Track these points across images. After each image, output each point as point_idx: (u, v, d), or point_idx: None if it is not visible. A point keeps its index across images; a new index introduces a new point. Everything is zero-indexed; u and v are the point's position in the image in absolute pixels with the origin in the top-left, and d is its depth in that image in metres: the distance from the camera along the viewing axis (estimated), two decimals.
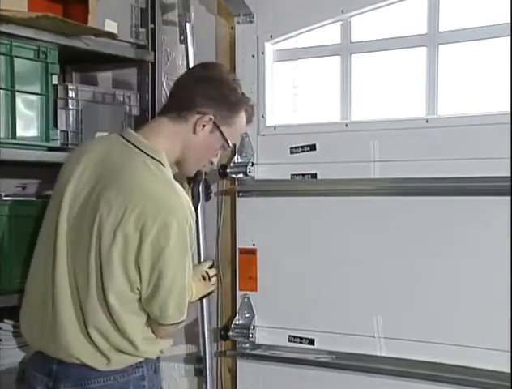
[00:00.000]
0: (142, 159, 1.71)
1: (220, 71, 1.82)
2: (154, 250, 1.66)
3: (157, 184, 1.68)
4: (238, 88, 1.81)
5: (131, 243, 1.65)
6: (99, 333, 1.70)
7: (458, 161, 2.02)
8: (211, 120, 1.75)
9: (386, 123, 2.16)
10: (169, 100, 1.82)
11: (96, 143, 1.85)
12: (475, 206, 2.01)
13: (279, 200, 2.32)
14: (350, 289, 2.20)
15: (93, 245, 1.68)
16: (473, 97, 2.09)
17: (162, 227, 1.64)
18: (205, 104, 1.74)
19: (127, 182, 1.68)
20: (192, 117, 1.74)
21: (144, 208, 1.64)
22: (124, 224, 1.65)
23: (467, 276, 2.03)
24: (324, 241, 2.25)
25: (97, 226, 1.68)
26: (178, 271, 1.70)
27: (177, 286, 1.71)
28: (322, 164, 2.24)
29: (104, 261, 1.68)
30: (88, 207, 1.71)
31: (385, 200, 2.16)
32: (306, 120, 2.39)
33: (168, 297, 1.71)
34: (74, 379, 1.72)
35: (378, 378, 2.15)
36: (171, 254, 1.67)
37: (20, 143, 2.02)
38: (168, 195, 1.67)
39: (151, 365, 1.80)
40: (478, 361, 1.99)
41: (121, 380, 1.74)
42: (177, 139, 1.76)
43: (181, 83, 1.81)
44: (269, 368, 2.34)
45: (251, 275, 2.33)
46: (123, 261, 1.67)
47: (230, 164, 2.36)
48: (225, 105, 1.76)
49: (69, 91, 2.18)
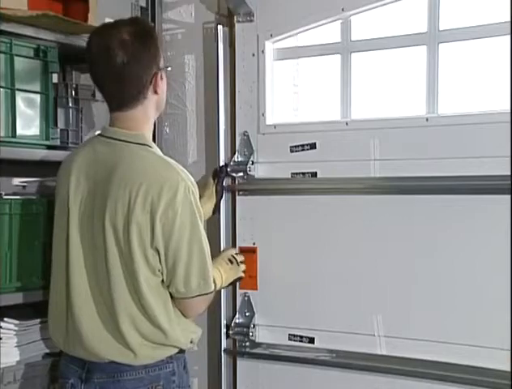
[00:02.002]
0: (129, 149, 1.77)
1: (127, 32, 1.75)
2: (164, 226, 1.71)
3: (152, 165, 1.75)
4: (145, 25, 1.85)
5: (144, 227, 1.71)
6: (131, 327, 1.74)
7: (459, 160, 2.01)
8: (159, 73, 1.79)
9: (387, 122, 2.16)
10: (116, 102, 1.80)
11: (79, 151, 1.88)
12: (475, 204, 2.00)
13: (280, 199, 2.32)
14: (350, 288, 2.20)
15: (110, 242, 1.73)
16: (473, 96, 2.08)
17: (168, 202, 1.71)
18: (148, 72, 1.77)
19: (124, 174, 1.73)
20: (147, 89, 1.78)
21: (147, 190, 1.71)
22: (133, 212, 1.70)
23: (467, 275, 2.03)
24: (324, 239, 2.25)
25: (109, 224, 1.73)
26: (194, 241, 1.75)
27: (195, 257, 1.75)
28: (323, 162, 2.23)
29: (125, 253, 1.72)
30: (95, 212, 1.76)
31: (385, 199, 2.15)
32: (306, 118, 2.38)
33: (190, 269, 1.75)
34: (107, 372, 1.77)
35: (378, 377, 2.15)
36: (182, 225, 1.73)
37: (20, 141, 2.02)
38: (165, 172, 1.74)
39: (181, 361, 1.85)
40: (478, 360, 1.98)
41: (152, 374, 1.78)
42: (149, 112, 1.82)
43: (115, 82, 1.77)
44: (269, 366, 2.34)
45: (251, 274, 2.32)
46: (142, 247, 1.72)
47: (230, 163, 2.36)
48: (156, 57, 1.79)
49: (69, 90, 2.19)
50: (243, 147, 2.36)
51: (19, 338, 2.03)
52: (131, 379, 1.77)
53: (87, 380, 1.79)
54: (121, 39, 1.74)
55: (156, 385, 1.79)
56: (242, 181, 2.37)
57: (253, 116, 2.34)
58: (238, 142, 2.36)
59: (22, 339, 2.03)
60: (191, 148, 2.50)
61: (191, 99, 2.48)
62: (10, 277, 2.00)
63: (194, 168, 2.44)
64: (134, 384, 1.77)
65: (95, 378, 1.78)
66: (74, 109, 2.21)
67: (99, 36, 1.79)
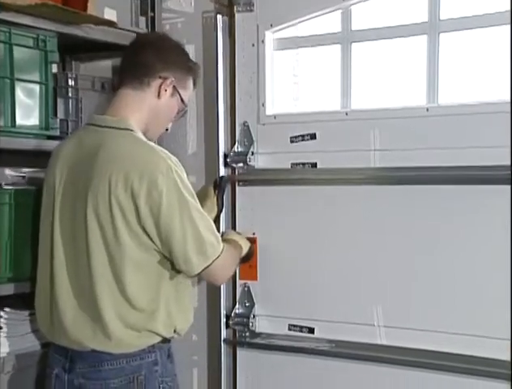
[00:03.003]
0: (111, 135, 1.78)
1: (170, 38, 1.96)
2: (151, 208, 1.71)
3: (132, 148, 1.76)
4: (188, 54, 1.97)
5: (128, 210, 1.71)
6: (112, 312, 1.74)
7: (459, 150, 2.01)
8: (172, 83, 1.85)
9: (387, 112, 2.15)
10: (128, 71, 1.86)
11: (66, 141, 1.92)
12: (475, 195, 2.00)
13: (280, 189, 2.32)
14: (350, 278, 2.20)
15: (92, 227, 1.73)
16: (474, 86, 2.08)
17: (150, 184, 1.71)
18: (165, 69, 1.86)
19: (104, 159, 1.74)
20: (154, 82, 1.84)
21: (127, 173, 1.71)
22: (114, 194, 1.71)
23: (467, 265, 2.03)
24: (324, 230, 2.25)
25: (92, 210, 1.73)
26: (185, 219, 1.74)
27: (189, 235, 1.75)
28: (323, 153, 2.23)
29: (110, 237, 1.72)
30: (77, 200, 1.77)
31: (385, 189, 2.15)
32: (306, 109, 2.38)
33: (186, 249, 1.75)
34: (89, 362, 1.77)
35: (378, 367, 2.15)
36: (169, 205, 1.72)
37: (20, 131, 2.02)
38: (145, 154, 1.75)
39: (164, 350, 1.84)
40: (478, 350, 1.99)
41: (133, 363, 1.78)
42: (144, 107, 1.85)
43: (137, 52, 1.87)
44: (269, 357, 2.34)
45: (251, 264, 2.32)
46: (129, 229, 1.72)
47: (230, 154, 2.35)
48: (182, 69, 1.89)
49: (68, 80, 2.19)
50: (243, 137, 2.35)
51: (18, 328, 2.03)
52: (112, 369, 1.76)
53: (70, 370, 1.80)
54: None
55: (138, 375, 1.78)
56: (242, 172, 2.37)
57: (253, 106, 2.33)
58: (238, 132, 2.35)
59: (21, 328, 2.03)
60: (191, 139, 2.49)
61: None
62: (10, 267, 2.01)
63: (194, 160, 2.46)
64: (115, 374, 1.76)
65: (77, 368, 1.79)
66: (74, 99, 2.20)
67: None
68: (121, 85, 1.86)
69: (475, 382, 2.00)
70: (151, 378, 1.80)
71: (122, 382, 1.77)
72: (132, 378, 1.77)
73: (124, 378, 1.77)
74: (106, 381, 1.76)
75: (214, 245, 1.82)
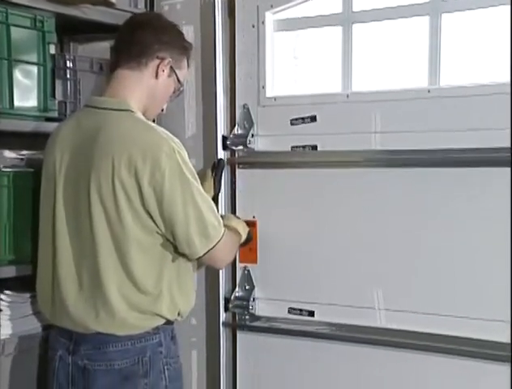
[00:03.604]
0: (111, 116, 1.78)
1: (166, 18, 1.97)
2: (154, 189, 1.71)
3: (134, 129, 1.76)
4: (183, 33, 1.98)
5: (131, 191, 1.71)
6: (117, 293, 1.74)
7: (461, 132, 1.99)
8: (169, 64, 1.87)
9: (388, 94, 2.13)
10: (124, 51, 1.86)
11: (64, 124, 1.91)
12: (477, 177, 1.99)
13: (280, 172, 2.30)
14: (350, 261, 2.19)
15: (96, 209, 1.73)
16: (476, 67, 2.05)
17: (153, 165, 1.71)
18: (162, 49, 1.86)
19: (106, 141, 1.74)
20: (152, 62, 1.84)
21: (131, 154, 1.71)
22: (117, 175, 1.70)
23: (467, 247, 2.02)
24: (324, 213, 2.24)
25: (95, 192, 1.73)
26: (187, 200, 1.75)
27: (192, 218, 1.75)
28: (323, 135, 2.21)
29: (113, 219, 1.72)
30: (80, 182, 1.76)
31: (386, 172, 2.13)
32: (307, 91, 2.35)
33: (189, 232, 1.75)
34: (93, 344, 1.78)
35: (378, 350, 2.14)
36: (172, 186, 1.72)
37: (18, 113, 2.01)
38: (148, 135, 1.75)
39: (168, 332, 1.85)
40: (478, 332, 1.98)
41: (138, 345, 1.78)
42: (142, 87, 1.85)
43: (133, 32, 1.86)
44: (269, 340, 2.33)
45: (251, 248, 2.31)
46: (133, 210, 1.72)
47: (230, 136, 2.34)
48: (178, 49, 1.90)
49: (66, 61, 2.18)
50: (243, 119, 2.33)
51: (20, 310, 2.03)
52: (117, 351, 1.77)
53: (74, 352, 1.80)
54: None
55: (143, 357, 1.79)
56: (242, 154, 2.35)
57: (253, 88, 2.31)
58: (238, 114, 2.34)
59: (22, 311, 2.03)
60: (190, 121, 2.46)
61: (190, 71, 2.44)
62: (10, 249, 2.00)
63: (193, 142, 2.43)
64: (120, 355, 1.77)
65: (82, 350, 1.79)
66: (72, 80, 2.19)
67: None
68: (118, 66, 1.86)
69: (476, 365, 2.00)
70: (156, 360, 1.81)
71: (127, 363, 1.78)
72: (137, 360, 1.79)
73: (129, 359, 1.78)
74: (111, 362, 1.77)
75: (216, 227, 1.82)
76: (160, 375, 1.82)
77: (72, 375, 1.81)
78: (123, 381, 1.78)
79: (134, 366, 1.78)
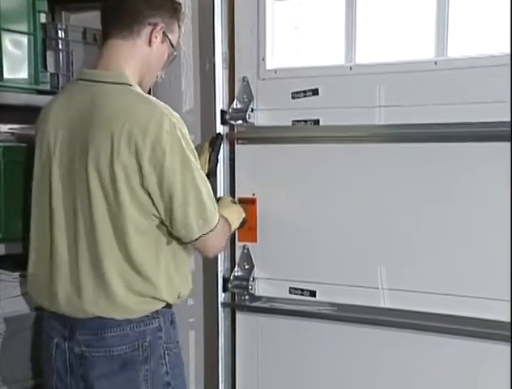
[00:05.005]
0: (108, 90, 1.72)
1: None
2: (155, 167, 1.67)
3: (133, 104, 1.70)
4: None
5: (131, 168, 1.66)
6: (116, 277, 1.70)
7: (469, 105, 1.94)
8: (162, 29, 1.82)
9: (393, 66, 2.08)
10: (114, 20, 1.80)
11: (56, 99, 1.85)
12: (487, 152, 1.93)
13: (280, 147, 2.26)
14: (353, 239, 2.15)
15: (94, 187, 1.68)
16: (486, 37, 1.98)
17: (154, 141, 1.66)
18: (154, 15, 1.80)
19: (104, 116, 1.68)
20: (144, 30, 1.79)
21: (131, 131, 1.66)
22: (117, 152, 1.66)
23: (471, 225, 1.98)
24: (326, 189, 2.19)
25: (93, 169, 1.68)
26: (187, 181, 1.71)
27: (191, 197, 1.72)
28: (325, 109, 2.17)
29: (111, 198, 1.68)
30: (77, 158, 1.71)
31: (391, 147, 2.09)
32: (309, 63, 2.29)
33: (187, 212, 1.71)
34: (90, 328, 1.73)
35: (381, 330, 2.11)
36: (172, 165, 1.68)
37: (8, 85, 1.96)
38: (148, 110, 1.69)
39: (168, 316, 1.81)
40: (481, 312, 1.96)
41: (137, 330, 1.74)
42: (136, 56, 1.80)
43: (121, 0, 1.80)
44: (269, 320, 2.30)
45: (251, 226, 2.28)
46: (131, 190, 1.67)
47: (229, 110, 2.29)
48: (168, 13, 1.84)
49: (58, 31, 2.13)
50: (242, 93, 2.28)
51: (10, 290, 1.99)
52: (115, 336, 1.72)
53: (70, 338, 1.76)
54: None
55: (143, 342, 1.75)
56: (241, 129, 2.30)
57: (253, 60, 2.26)
58: (237, 88, 2.29)
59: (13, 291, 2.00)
60: (187, 94, 2.41)
61: (187, 42, 2.39)
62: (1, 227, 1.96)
63: (191, 116, 2.38)
64: (119, 341, 1.73)
65: (78, 336, 1.75)
66: (65, 51, 2.15)
67: None
68: (109, 36, 1.80)
69: (480, 345, 1.97)
70: (156, 345, 1.77)
71: (127, 349, 1.73)
72: (137, 345, 1.74)
73: (128, 345, 1.73)
74: (110, 348, 1.73)
75: (213, 211, 1.79)
76: (161, 361, 1.78)
77: (70, 362, 1.77)
78: (123, 368, 1.73)
79: (134, 352, 1.74)
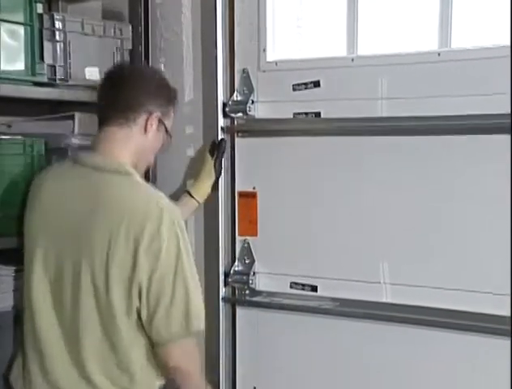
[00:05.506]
0: (111, 181, 1.72)
1: (148, 68, 2.00)
2: (150, 259, 1.65)
3: (133, 198, 1.70)
4: (167, 80, 1.91)
5: (127, 262, 1.65)
6: (102, 376, 1.70)
7: (474, 97, 1.92)
8: (157, 117, 1.81)
9: (395, 58, 2.06)
10: (110, 108, 1.78)
11: (50, 177, 1.83)
12: (490, 144, 1.92)
13: (281, 140, 2.24)
14: (355, 234, 2.14)
15: (85, 279, 1.68)
16: (490, 28, 1.96)
17: (153, 234, 1.65)
18: (149, 103, 1.80)
19: (103, 208, 1.68)
20: (140, 117, 1.79)
21: (129, 225, 1.65)
22: (115, 247, 1.65)
23: (472, 219, 1.97)
24: (328, 183, 2.18)
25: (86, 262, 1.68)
26: (178, 279, 1.68)
27: (179, 297, 1.68)
28: (327, 101, 2.15)
29: (101, 292, 1.67)
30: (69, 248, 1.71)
31: (393, 140, 2.07)
32: (310, 55, 2.28)
33: (171, 311, 1.68)
34: None
35: (383, 325, 2.10)
36: (167, 261, 1.67)
37: (4, 76, 1.92)
38: (147, 205, 1.68)
39: None
40: (482, 306, 1.95)
41: None
42: (132, 145, 1.79)
43: (117, 87, 1.79)
44: (270, 315, 2.29)
45: (251, 220, 2.28)
46: (124, 284, 1.66)
47: (229, 103, 2.27)
48: (164, 100, 1.84)
49: (55, 22, 2.09)
50: (242, 85, 2.27)
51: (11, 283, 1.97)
52: None
53: None
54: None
55: None
56: (241, 122, 2.29)
57: (254, 52, 2.24)
58: (237, 80, 2.27)
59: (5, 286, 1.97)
60: (188, 86, 2.39)
61: (187, 33, 2.37)
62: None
63: (191, 109, 2.37)
64: None
65: None
66: (62, 42, 2.12)
67: None
68: (105, 122, 1.78)
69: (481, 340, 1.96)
70: None
71: None
72: None
73: None
74: None
75: (199, 317, 1.74)
76: None
77: None
78: None
79: None
